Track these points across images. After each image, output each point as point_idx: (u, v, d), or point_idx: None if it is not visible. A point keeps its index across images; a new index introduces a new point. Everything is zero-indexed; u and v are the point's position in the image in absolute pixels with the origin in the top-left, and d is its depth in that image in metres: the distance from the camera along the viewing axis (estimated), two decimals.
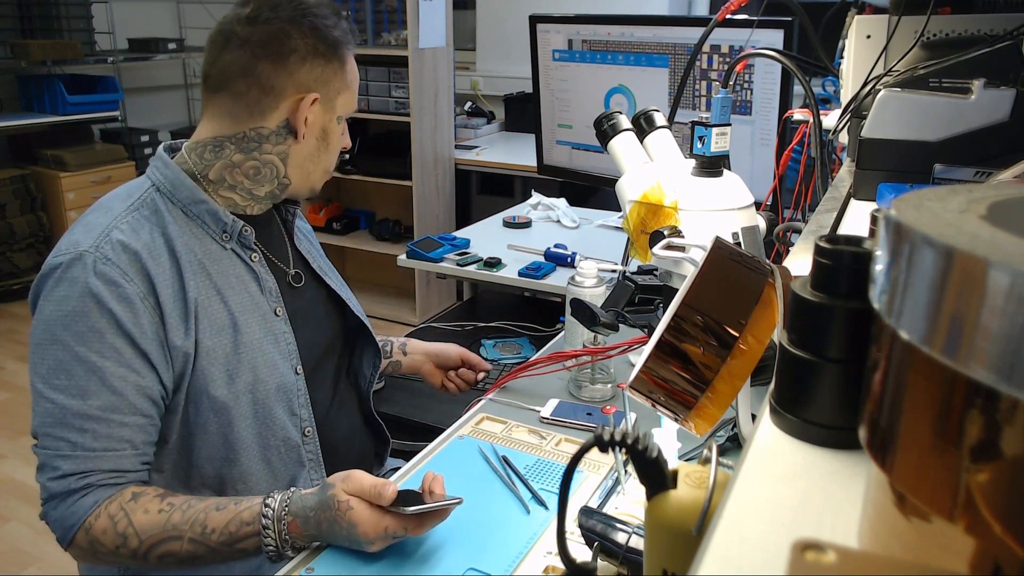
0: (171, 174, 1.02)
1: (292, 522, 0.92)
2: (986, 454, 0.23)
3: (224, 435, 1.01)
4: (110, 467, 0.93)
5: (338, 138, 1.09)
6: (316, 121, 1.05)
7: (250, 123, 1.02)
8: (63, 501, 0.93)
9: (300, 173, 1.07)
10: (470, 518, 0.98)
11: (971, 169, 0.73)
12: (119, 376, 0.93)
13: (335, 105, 1.06)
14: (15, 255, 3.82)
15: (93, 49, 4.04)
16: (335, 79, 1.05)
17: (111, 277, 0.93)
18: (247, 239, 1.05)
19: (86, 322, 0.92)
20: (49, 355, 0.93)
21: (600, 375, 1.29)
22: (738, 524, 0.33)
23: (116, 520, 0.92)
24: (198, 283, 0.99)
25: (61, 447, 0.92)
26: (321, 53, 1.02)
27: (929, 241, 0.24)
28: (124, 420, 0.94)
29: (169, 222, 1.00)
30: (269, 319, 1.06)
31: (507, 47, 4.16)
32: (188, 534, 0.92)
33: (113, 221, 0.97)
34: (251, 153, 1.04)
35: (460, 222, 3.67)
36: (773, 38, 1.48)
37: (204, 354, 0.98)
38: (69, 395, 0.92)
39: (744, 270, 0.55)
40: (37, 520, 0.98)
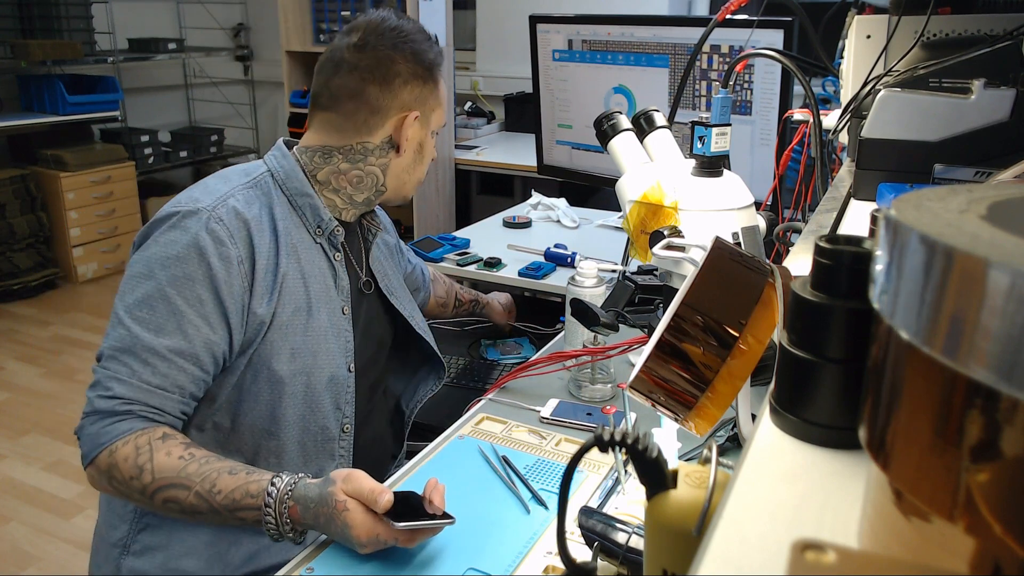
0: (287, 165, 1.12)
1: (293, 507, 0.93)
2: (986, 454, 0.23)
3: (272, 408, 1.06)
4: (156, 404, 0.99)
5: (431, 151, 1.20)
6: (415, 136, 1.15)
7: (357, 138, 1.12)
8: (102, 419, 0.97)
9: (396, 183, 1.18)
10: (470, 518, 0.98)
11: (971, 169, 0.73)
12: (195, 325, 0.99)
13: (430, 121, 1.17)
14: (15, 255, 3.82)
15: (93, 49, 4.04)
16: (431, 97, 1.16)
17: (219, 235, 1.01)
18: (336, 239, 1.14)
19: (183, 268, 1.00)
20: (140, 287, 1.00)
21: (600, 375, 1.29)
22: (738, 524, 0.33)
23: (140, 451, 0.96)
24: (289, 261, 1.07)
25: (121, 372, 0.98)
26: (420, 75, 1.13)
27: (929, 241, 0.24)
28: (184, 366, 0.99)
29: (276, 204, 1.09)
30: (336, 314, 1.13)
31: (507, 47, 4.16)
32: (196, 487, 0.95)
33: (231, 190, 1.07)
34: (356, 164, 1.14)
35: (460, 222, 3.67)
36: (773, 38, 1.48)
37: (277, 327, 1.05)
38: (145, 327, 0.98)
39: (744, 270, 0.55)
40: (37, 520, 0.98)
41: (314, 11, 3.43)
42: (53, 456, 2.60)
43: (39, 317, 3.71)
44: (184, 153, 4.58)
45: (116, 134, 4.31)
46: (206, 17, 4.92)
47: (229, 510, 0.95)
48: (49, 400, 2.97)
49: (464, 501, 1.01)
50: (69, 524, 2.24)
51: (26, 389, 3.06)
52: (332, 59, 1.12)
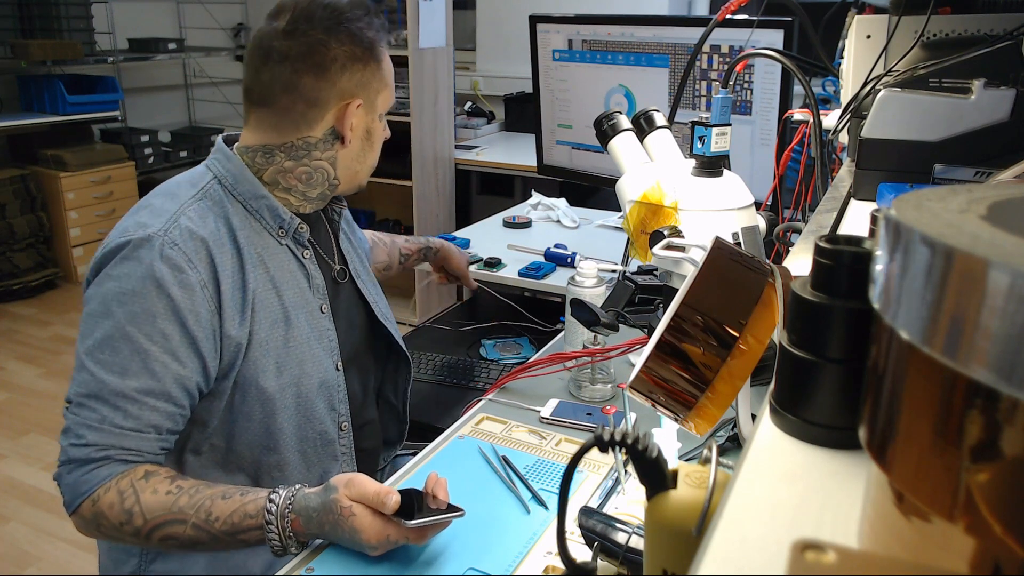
0: (234, 168, 1.05)
1: (295, 520, 0.92)
2: (986, 454, 0.23)
3: (267, 425, 1.04)
4: (132, 446, 0.95)
5: (380, 135, 1.12)
6: (360, 124, 1.07)
7: (297, 133, 1.04)
8: (79, 468, 0.93)
9: (348, 174, 1.10)
10: (470, 518, 0.98)
11: (971, 169, 0.73)
12: (161, 362, 0.94)
13: (376, 104, 1.08)
14: (15, 255, 3.82)
15: (93, 49, 4.04)
16: (374, 80, 1.06)
17: (176, 262, 0.95)
18: (301, 236, 1.09)
19: (142, 303, 0.94)
20: (99, 328, 0.94)
21: (600, 375, 1.29)
22: (738, 524, 0.33)
23: (124, 496, 0.93)
24: (257, 275, 1.02)
25: (90, 418, 0.93)
26: (359, 57, 1.04)
27: (929, 241, 0.24)
28: (156, 405, 0.95)
29: (232, 214, 1.03)
30: (315, 316, 1.09)
31: (507, 47, 4.16)
32: (192, 519, 0.92)
33: (181, 207, 0.99)
34: (301, 160, 1.06)
35: (460, 222, 3.67)
36: (773, 38, 1.48)
37: (257, 345, 1.01)
38: (109, 371, 0.93)
39: (744, 270, 0.55)
40: (37, 520, 0.98)
41: None
42: (53, 456, 2.59)
43: (39, 317, 3.71)
44: (184, 153, 4.59)
45: (116, 134, 4.31)
46: (206, 17, 4.92)
47: (230, 535, 0.93)
48: (49, 400, 2.97)
49: (464, 501, 1.01)
50: (69, 524, 2.23)
51: (26, 389, 3.06)
52: (260, 47, 1.02)
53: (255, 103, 1.05)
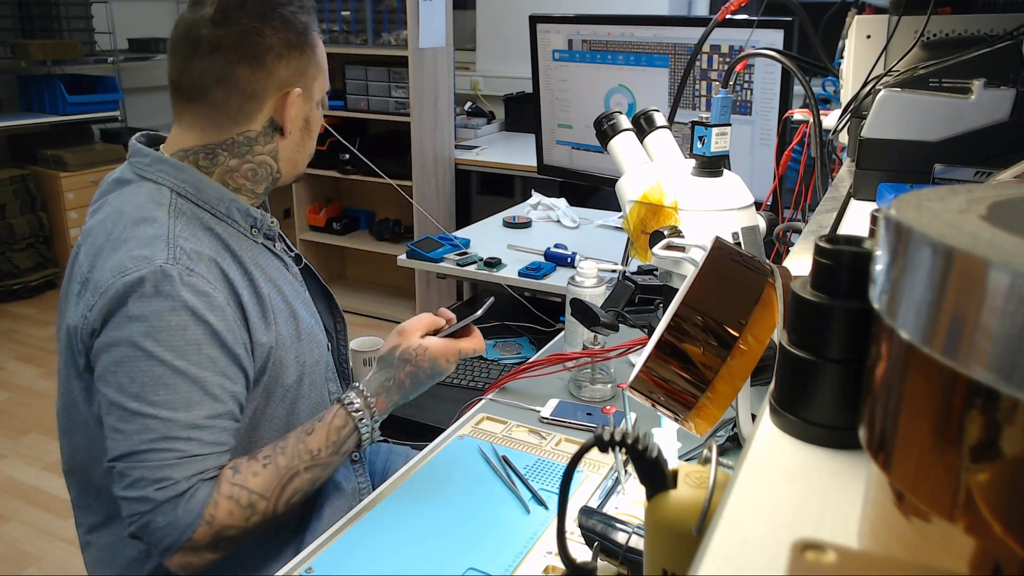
0: (190, 177, 1.00)
1: (377, 400, 1.01)
2: (986, 454, 0.23)
3: (287, 420, 1.05)
4: (212, 465, 0.93)
5: (319, 122, 1.08)
6: (299, 113, 1.03)
7: (236, 129, 1.00)
8: (174, 507, 0.90)
9: (289, 165, 1.07)
10: (470, 518, 0.98)
11: (971, 169, 0.73)
12: (218, 384, 0.93)
13: (313, 92, 1.05)
14: (15, 255, 3.82)
15: (93, 49, 4.04)
16: (310, 66, 1.02)
17: (201, 288, 0.92)
18: (272, 231, 1.08)
19: (183, 335, 0.91)
20: (141, 372, 0.90)
21: (600, 375, 1.29)
22: (738, 524, 0.33)
23: (236, 497, 0.93)
24: (261, 279, 1.01)
25: (169, 458, 0.90)
26: (295, 45, 0.99)
27: (929, 241, 0.24)
28: (225, 425, 0.94)
29: (211, 224, 0.99)
30: (307, 301, 1.10)
31: (507, 47, 4.16)
32: (301, 466, 0.97)
33: (170, 230, 0.94)
34: (244, 157, 1.02)
35: (460, 222, 3.67)
36: (773, 38, 1.48)
37: (280, 345, 1.01)
38: (173, 409, 0.90)
39: (744, 270, 0.55)
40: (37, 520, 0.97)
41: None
42: (53, 456, 2.60)
43: (39, 317, 3.71)
44: None
45: (116, 134, 4.31)
46: None
47: (335, 454, 0.99)
48: (49, 400, 2.97)
49: (464, 501, 1.01)
50: (69, 524, 2.23)
51: (26, 389, 3.06)
52: (188, 37, 0.96)
53: (186, 98, 1.00)
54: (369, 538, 0.95)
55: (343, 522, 0.99)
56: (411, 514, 0.99)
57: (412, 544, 0.94)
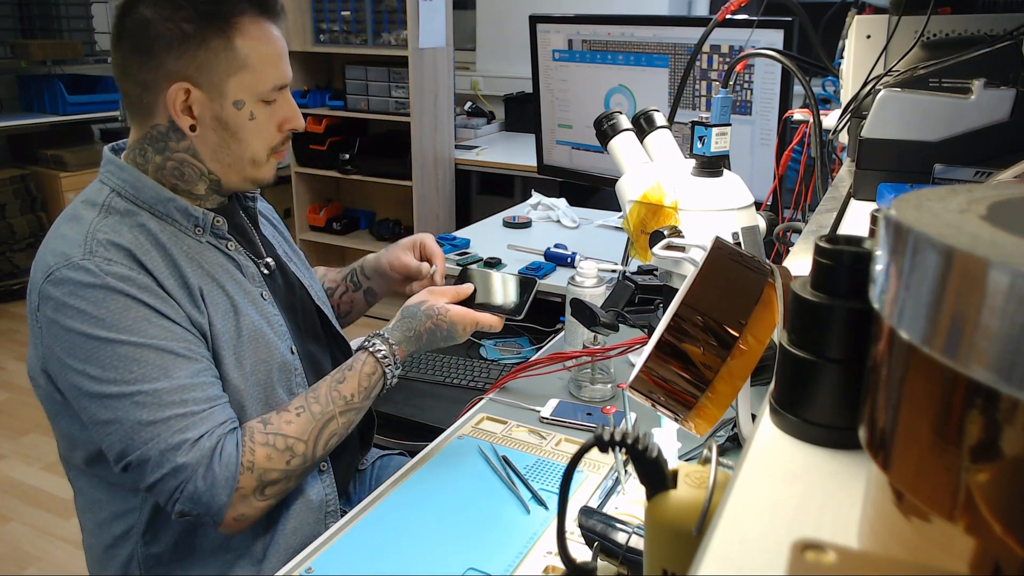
0: (129, 176, 0.99)
1: (399, 348, 1.09)
2: (986, 454, 0.23)
3: (238, 416, 1.01)
4: (222, 418, 0.94)
5: (246, 124, 0.99)
6: (204, 111, 0.97)
7: (147, 123, 0.98)
8: (208, 466, 0.91)
9: (220, 166, 1.01)
10: (470, 518, 0.98)
11: (971, 169, 0.73)
12: (184, 347, 0.93)
13: (225, 90, 0.96)
14: (15, 255, 3.82)
15: (93, 49, 4.04)
16: (218, 61, 0.95)
17: (122, 274, 0.91)
18: (220, 229, 1.04)
19: (128, 315, 0.91)
20: (107, 356, 0.90)
21: (600, 375, 1.29)
22: (738, 524, 0.33)
23: (272, 443, 0.96)
24: (194, 272, 0.98)
25: (176, 422, 0.90)
26: (191, 35, 0.93)
27: (929, 241, 0.24)
28: (211, 380, 0.96)
29: (145, 220, 0.98)
30: (259, 303, 1.06)
31: (507, 47, 4.16)
32: (336, 411, 1.02)
33: (90, 227, 0.94)
34: (164, 153, 0.99)
35: (460, 222, 3.67)
36: (773, 38, 1.48)
37: (216, 337, 0.98)
38: (153, 380, 0.90)
39: (744, 270, 0.55)
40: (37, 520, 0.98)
41: (314, 11, 3.43)
42: (53, 456, 2.59)
43: None
44: None
45: (116, 134, 4.31)
46: None
47: (367, 398, 1.05)
48: None
49: (464, 501, 1.01)
50: (69, 524, 2.24)
51: (26, 389, 3.06)
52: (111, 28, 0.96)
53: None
54: (369, 538, 0.95)
55: (343, 522, 0.99)
56: (411, 514, 0.99)
57: (412, 544, 0.94)
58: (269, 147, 1.03)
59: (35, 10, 3.80)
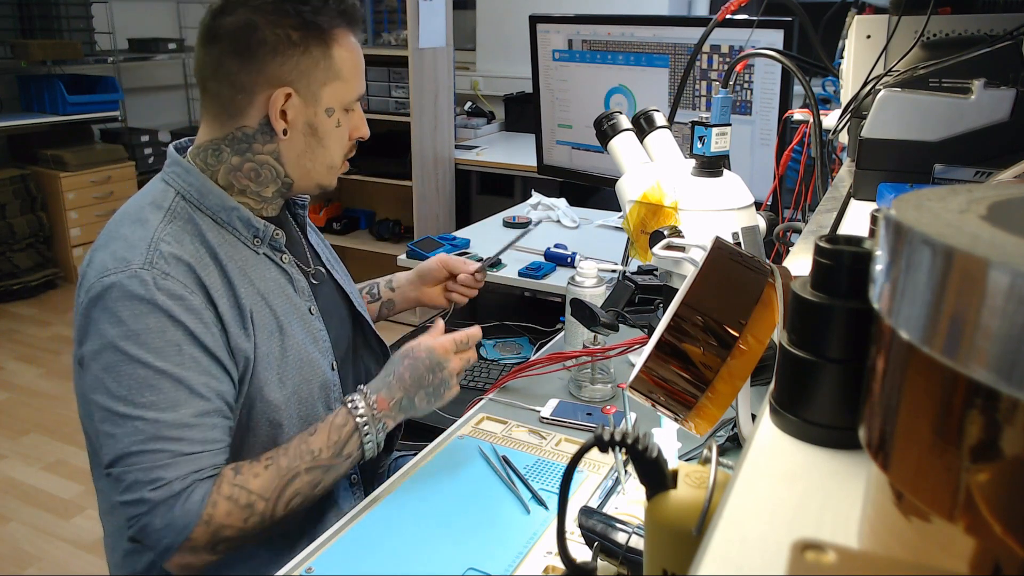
0: (195, 180, 1.00)
1: (379, 398, 1.01)
2: (986, 454, 0.23)
3: (274, 435, 1.02)
4: (206, 464, 0.94)
5: (333, 131, 1.03)
6: (298, 116, 0.99)
7: (233, 124, 0.99)
8: (169, 506, 0.90)
9: (299, 171, 1.03)
10: (470, 518, 0.98)
11: (971, 169, 0.73)
12: (203, 383, 0.93)
13: (320, 97, 0.99)
14: (15, 255, 3.82)
15: (93, 49, 4.04)
16: (316, 69, 0.98)
17: (175, 291, 0.92)
18: (278, 242, 1.05)
19: (163, 337, 0.91)
20: (125, 375, 0.91)
21: (600, 375, 1.29)
22: (738, 524, 0.33)
23: (236, 498, 0.93)
24: (246, 290, 0.99)
25: (160, 459, 0.90)
26: (296, 43, 0.95)
27: (929, 241, 0.24)
28: (214, 422, 0.95)
29: (205, 230, 0.98)
30: (307, 319, 1.07)
31: (507, 47, 4.16)
32: (302, 467, 0.96)
33: (156, 233, 0.95)
34: (245, 155, 1.00)
35: (460, 222, 3.67)
36: (773, 38, 1.48)
37: (260, 359, 0.99)
38: (160, 409, 0.91)
39: (744, 270, 0.55)
40: (37, 520, 0.98)
41: None
42: (53, 456, 2.60)
43: (39, 317, 3.71)
44: None
45: (116, 134, 4.31)
46: None
47: (336, 456, 0.98)
48: (49, 400, 2.97)
49: (464, 501, 1.01)
50: (69, 524, 2.24)
51: (26, 389, 3.06)
52: (201, 27, 0.97)
53: (200, 89, 1.00)
54: (369, 538, 0.95)
55: (343, 522, 0.99)
56: (411, 514, 0.99)
57: (412, 544, 0.94)
58: (343, 154, 1.07)
59: (35, 10, 3.80)
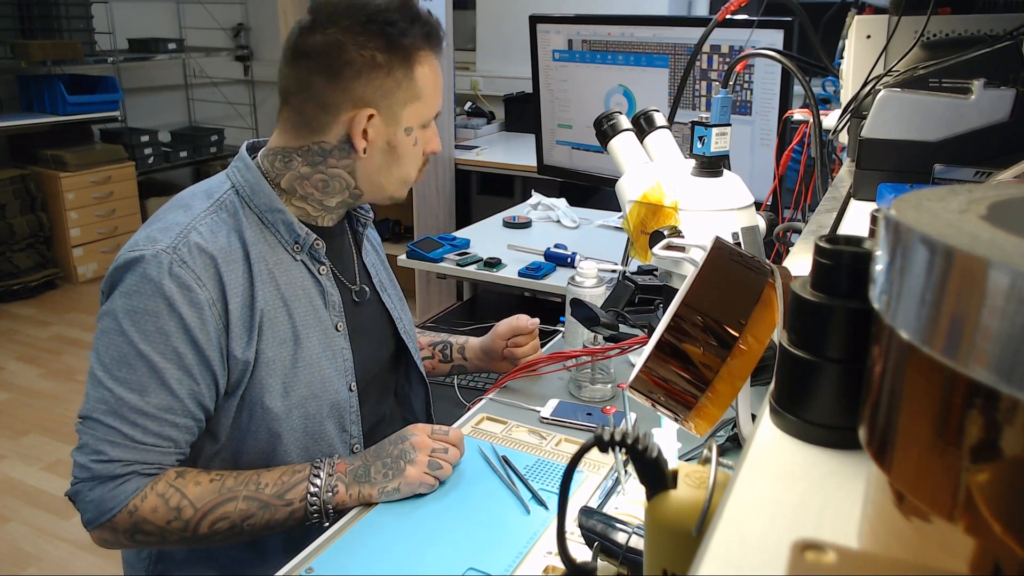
0: (252, 178, 1.02)
1: (340, 462, 1.01)
2: (986, 454, 0.23)
3: (273, 445, 1.02)
4: (153, 460, 0.95)
5: (410, 149, 1.04)
6: (379, 135, 1.00)
7: (312, 137, 1.00)
8: (103, 484, 0.93)
9: (370, 186, 1.05)
10: (470, 518, 0.98)
11: (971, 169, 0.73)
12: (177, 379, 0.94)
13: (400, 117, 1.01)
14: (15, 255, 3.82)
15: (93, 49, 4.04)
16: (398, 90, 0.99)
17: (185, 281, 0.93)
18: (318, 252, 1.05)
19: (155, 322, 0.93)
20: (114, 346, 0.94)
21: (600, 375, 1.29)
22: (738, 524, 0.33)
23: (167, 497, 0.94)
24: (266, 293, 0.99)
25: (111, 434, 0.93)
26: (380, 64, 0.97)
27: (929, 241, 0.24)
28: (176, 421, 0.95)
29: (245, 227, 1.00)
30: (330, 334, 1.06)
31: (507, 47, 4.16)
32: (243, 492, 0.96)
33: (192, 221, 0.97)
34: (317, 167, 1.02)
35: (460, 222, 3.67)
36: (773, 38, 1.48)
37: (264, 364, 0.99)
38: (128, 388, 0.93)
39: (744, 270, 0.55)
40: (37, 520, 0.99)
41: None
42: (53, 456, 2.60)
43: (39, 317, 3.71)
44: (184, 153, 4.58)
45: (116, 134, 4.31)
46: (206, 17, 4.91)
47: (278, 496, 0.96)
48: (49, 400, 2.97)
49: (464, 501, 1.01)
50: (69, 524, 2.24)
51: (26, 389, 3.06)
52: (288, 42, 0.99)
53: (281, 100, 1.02)
54: (369, 538, 0.95)
55: (343, 522, 0.99)
56: (411, 514, 0.99)
57: (412, 544, 0.94)
58: (418, 169, 1.07)
59: (35, 10, 3.80)
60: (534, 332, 1.33)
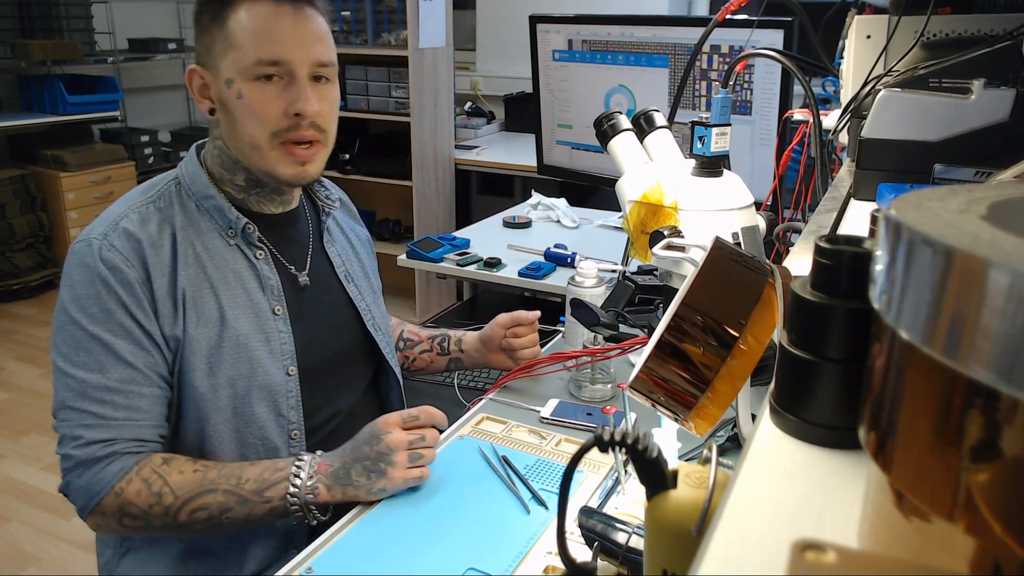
0: (192, 168, 1.07)
1: (321, 463, 1.00)
2: (986, 454, 0.23)
3: (201, 425, 1.02)
4: (131, 435, 0.98)
5: (238, 104, 0.98)
6: (214, 93, 1.01)
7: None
8: (89, 469, 0.96)
9: (241, 155, 1.03)
10: (470, 518, 0.98)
11: (971, 169, 0.73)
12: (131, 352, 0.98)
13: (220, 69, 0.98)
14: (15, 255, 3.82)
15: (93, 49, 4.05)
16: (216, 43, 0.98)
17: (114, 263, 0.98)
18: (251, 236, 1.06)
19: (97, 303, 0.97)
20: (67, 334, 0.98)
21: (600, 375, 1.29)
22: (738, 524, 0.33)
23: (150, 482, 0.97)
24: (190, 274, 1.02)
25: (84, 418, 0.96)
26: (203, 20, 1.00)
27: (929, 241, 0.24)
28: (141, 391, 0.98)
29: (177, 214, 1.03)
30: (264, 317, 1.05)
31: (507, 47, 4.16)
32: (223, 486, 0.97)
33: (126, 210, 1.02)
34: (214, 141, 1.07)
35: (460, 222, 3.67)
36: (773, 38, 1.48)
37: (188, 343, 1.01)
38: (88, 370, 0.97)
39: (744, 270, 0.55)
40: (37, 520, 1.00)
41: None
42: (53, 456, 2.58)
43: (39, 317, 3.71)
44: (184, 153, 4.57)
45: (116, 134, 4.31)
46: None
47: (257, 492, 0.97)
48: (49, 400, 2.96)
49: (464, 501, 1.01)
50: (69, 524, 2.24)
51: (26, 389, 3.06)
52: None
53: None
54: (369, 538, 0.95)
55: (343, 522, 0.99)
56: (411, 514, 0.99)
57: (412, 544, 0.94)
58: (270, 132, 0.99)
59: (35, 10, 3.80)
60: (534, 325, 1.34)
